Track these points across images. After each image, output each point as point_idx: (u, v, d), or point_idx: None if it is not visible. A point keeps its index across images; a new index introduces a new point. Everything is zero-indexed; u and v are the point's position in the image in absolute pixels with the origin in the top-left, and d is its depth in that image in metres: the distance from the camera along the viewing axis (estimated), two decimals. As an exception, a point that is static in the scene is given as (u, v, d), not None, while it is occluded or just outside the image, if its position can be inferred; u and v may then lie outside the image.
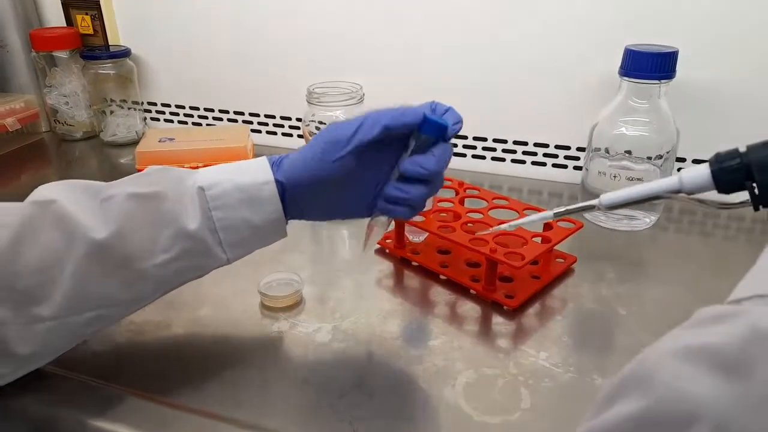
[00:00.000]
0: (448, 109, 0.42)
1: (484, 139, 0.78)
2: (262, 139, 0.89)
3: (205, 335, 0.48)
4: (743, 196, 0.32)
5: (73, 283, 0.37)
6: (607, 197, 0.36)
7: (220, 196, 0.40)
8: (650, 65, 0.58)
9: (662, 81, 0.59)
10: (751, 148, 0.30)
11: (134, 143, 0.89)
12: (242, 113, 0.89)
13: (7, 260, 0.37)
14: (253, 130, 0.89)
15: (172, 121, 0.95)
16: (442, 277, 0.55)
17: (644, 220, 0.64)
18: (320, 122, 0.66)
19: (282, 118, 0.87)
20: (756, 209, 0.31)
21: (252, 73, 0.85)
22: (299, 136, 0.87)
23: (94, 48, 0.89)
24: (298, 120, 0.86)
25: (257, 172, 0.42)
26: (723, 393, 0.20)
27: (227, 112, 0.90)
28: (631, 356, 0.45)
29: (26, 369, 0.40)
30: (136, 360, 0.46)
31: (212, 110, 0.91)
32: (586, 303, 0.52)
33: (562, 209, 0.40)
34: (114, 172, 0.84)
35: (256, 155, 0.78)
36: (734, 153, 0.31)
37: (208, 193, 0.40)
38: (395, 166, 0.42)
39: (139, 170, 0.68)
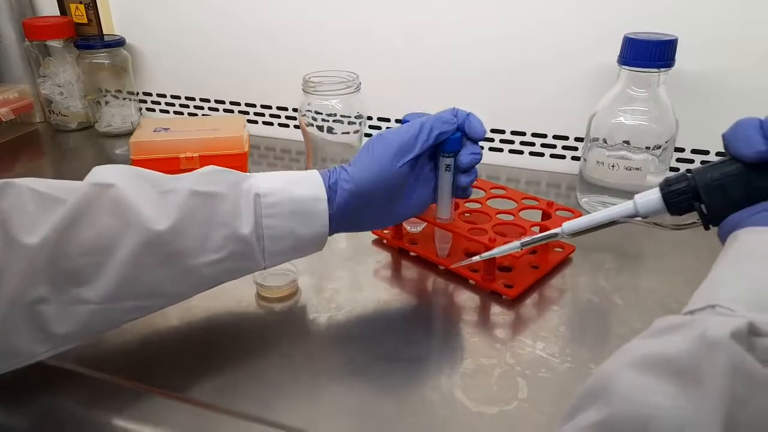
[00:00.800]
0: (467, 115, 0.47)
1: (482, 130, 0.77)
2: (258, 129, 0.89)
3: (200, 326, 0.48)
4: (695, 216, 0.33)
5: (123, 271, 0.37)
6: (568, 225, 0.38)
7: (274, 205, 0.41)
8: (649, 54, 0.57)
9: (661, 69, 0.58)
10: (697, 171, 0.32)
11: (129, 134, 0.87)
12: (238, 103, 0.89)
13: (59, 238, 0.35)
14: (249, 121, 0.88)
15: (167, 112, 0.94)
16: (440, 267, 0.55)
17: (642, 210, 0.64)
18: (316, 112, 0.65)
19: (278, 108, 0.87)
20: (706, 228, 0.32)
21: (248, 63, 0.85)
22: (296, 126, 0.87)
23: (88, 37, 0.88)
24: (295, 110, 0.86)
25: (313, 187, 0.43)
26: (676, 399, 0.21)
27: (223, 102, 0.90)
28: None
29: (60, 349, 0.38)
30: (129, 350, 0.45)
31: (208, 100, 0.90)
32: (583, 293, 0.52)
33: (529, 239, 0.42)
34: (109, 163, 0.83)
35: (252, 146, 0.78)
36: (682, 176, 0.32)
37: (264, 200, 0.41)
38: (429, 170, 0.49)
39: (134, 161, 0.67)
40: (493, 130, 0.77)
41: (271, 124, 0.88)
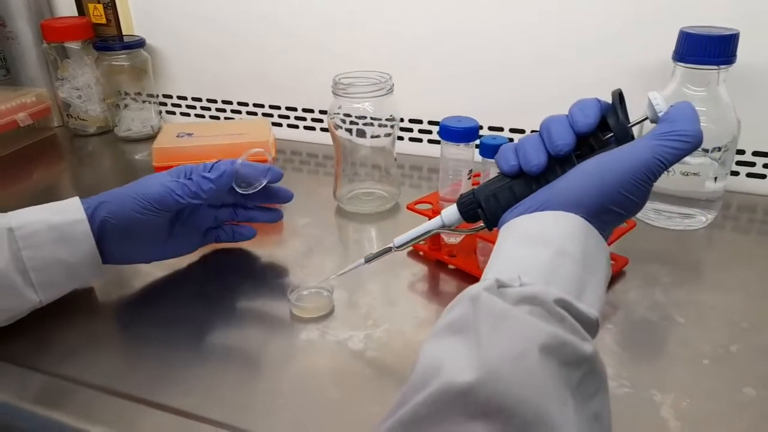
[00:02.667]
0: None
1: (522, 131, 0.76)
2: (283, 132, 0.88)
3: (232, 345, 0.47)
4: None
5: None
6: (398, 239, 0.45)
7: (31, 236, 0.44)
8: (708, 49, 0.56)
9: (721, 66, 0.56)
10: (480, 186, 0.42)
11: (149, 138, 0.89)
12: (262, 105, 0.89)
13: None
14: (273, 124, 0.88)
15: (188, 115, 0.94)
16: (481, 281, 0.54)
17: (700, 218, 0.62)
18: (345, 114, 0.64)
19: (304, 110, 0.86)
20: (489, 229, 0.42)
21: (272, 63, 0.85)
22: (322, 129, 0.86)
23: (107, 38, 0.89)
24: (322, 112, 0.85)
25: (71, 211, 0.46)
26: (455, 348, 0.29)
27: (246, 104, 0.90)
28: (691, 368, 0.44)
29: None
30: (154, 368, 0.45)
31: (230, 103, 0.90)
32: (638, 309, 0.50)
33: (371, 254, 0.47)
34: (129, 169, 0.84)
35: (276, 150, 0.77)
36: (470, 191, 0.42)
37: (18, 232, 0.44)
38: (197, 219, 0.55)
39: (156, 168, 0.67)
40: (534, 132, 0.75)
41: (297, 127, 0.88)
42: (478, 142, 0.54)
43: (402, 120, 0.81)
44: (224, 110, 0.91)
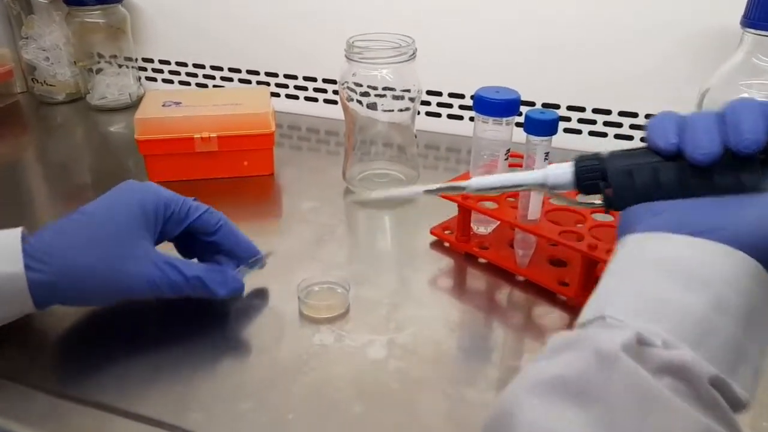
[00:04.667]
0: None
1: (557, 106, 0.73)
2: (281, 104, 0.85)
3: (230, 347, 0.45)
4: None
5: None
6: (476, 181, 0.39)
7: None
8: (785, 13, 0.53)
9: (799, 34, 0.53)
10: (611, 154, 0.35)
11: (127, 108, 0.87)
12: (257, 73, 0.86)
13: None
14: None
15: (171, 82, 0.92)
16: (519, 278, 0.51)
17: None
18: (356, 83, 0.61)
19: (305, 78, 0.83)
20: (606, 212, 0.36)
21: (269, 26, 0.82)
22: (326, 101, 0.83)
23: (80, -9, 0.86)
24: (326, 81, 0.82)
25: (3, 261, 0.39)
26: (579, 422, 0.24)
27: (238, 71, 0.87)
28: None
29: None
30: (133, 373, 0.42)
31: (220, 69, 0.88)
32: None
33: (434, 186, 0.41)
34: (104, 142, 0.81)
35: (277, 125, 0.74)
36: (596, 155, 0.36)
37: None
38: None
39: (139, 141, 0.63)
40: (569, 108, 0.72)
41: (296, 97, 0.85)
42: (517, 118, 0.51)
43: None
44: (213, 77, 0.88)
